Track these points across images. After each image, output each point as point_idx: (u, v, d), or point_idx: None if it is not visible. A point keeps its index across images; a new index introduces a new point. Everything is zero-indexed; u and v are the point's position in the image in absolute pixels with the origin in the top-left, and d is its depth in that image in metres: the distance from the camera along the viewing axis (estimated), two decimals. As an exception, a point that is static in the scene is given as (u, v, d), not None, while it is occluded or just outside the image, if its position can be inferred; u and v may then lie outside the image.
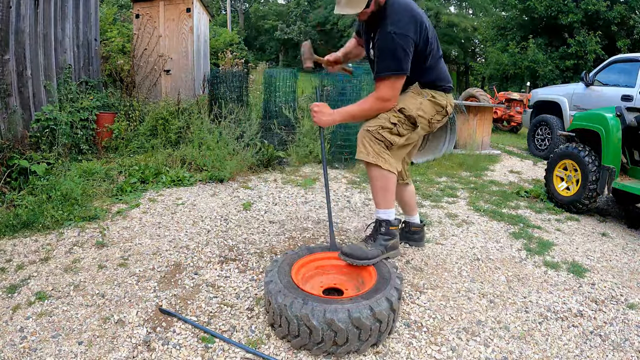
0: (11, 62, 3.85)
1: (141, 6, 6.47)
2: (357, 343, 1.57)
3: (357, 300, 1.60)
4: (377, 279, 1.79)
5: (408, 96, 2.12)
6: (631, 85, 5.59)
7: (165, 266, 2.27)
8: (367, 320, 1.55)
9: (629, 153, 3.59)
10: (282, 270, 1.81)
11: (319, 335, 1.54)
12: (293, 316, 1.56)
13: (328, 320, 1.52)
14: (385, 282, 1.75)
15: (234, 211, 3.18)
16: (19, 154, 3.49)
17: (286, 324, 1.60)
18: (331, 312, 1.53)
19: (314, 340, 1.56)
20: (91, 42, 5.37)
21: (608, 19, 11.84)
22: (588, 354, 1.71)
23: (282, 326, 1.63)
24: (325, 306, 1.55)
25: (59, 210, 2.84)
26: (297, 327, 1.57)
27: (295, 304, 1.57)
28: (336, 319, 1.51)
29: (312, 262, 2.00)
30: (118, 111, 5.05)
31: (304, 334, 1.56)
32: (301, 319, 1.55)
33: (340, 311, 1.53)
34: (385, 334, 1.66)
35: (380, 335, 1.63)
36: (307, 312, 1.54)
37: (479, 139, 6.52)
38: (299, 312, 1.55)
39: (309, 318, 1.53)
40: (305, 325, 1.55)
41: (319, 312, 1.53)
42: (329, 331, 1.53)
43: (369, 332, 1.57)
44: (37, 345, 1.61)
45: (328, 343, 1.55)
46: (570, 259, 2.65)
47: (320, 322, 1.52)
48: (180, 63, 6.45)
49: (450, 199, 3.83)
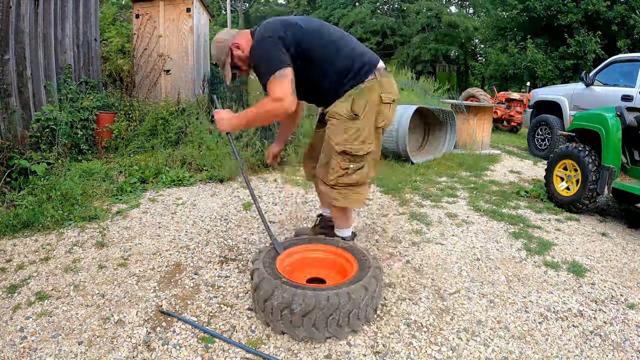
0: (11, 62, 3.85)
1: (141, 6, 6.47)
2: (335, 328, 1.65)
3: (338, 288, 1.67)
4: (358, 269, 1.85)
5: (341, 130, 1.99)
6: (631, 85, 5.59)
7: (165, 266, 2.27)
8: (345, 307, 1.63)
9: (629, 153, 3.59)
10: (266, 259, 1.87)
11: (299, 321, 1.62)
12: (276, 302, 1.63)
13: (308, 306, 1.59)
14: (365, 272, 1.81)
15: (234, 211, 3.18)
16: (19, 154, 3.49)
17: (269, 309, 1.67)
18: (311, 297, 1.60)
19: (295, 324, 1.64)
20: (91, 42, 5.37)
21: (608, 19, 11.84)
22: (588, 354, 1.71)
23: (265, 311, 1.70)
24: (306, 292, 1.62)
25: (59, 210, 2.84)
26: (279, 312, 1.64)
27: (278, 291, 1.64)
28: (316, 305, 1.60)
29: (296, 254, 2.06)
30: (118, 111, 5.04)
31: (286, 319, 1.64)
32: (283, 304, 1.62)
33: (321, 298, 1.60)
34: (363, 320, 1.74)
35: (358, 321, 1.71)
36: (289, 298, 1.61)
37: (479, 139, 6.51)
38: (281, 299, 1.62)
39: (290, 304, 1.61)
40: (287, 310, 1.62)
41: (300, 298, 1.61)
42: (308, 316, 1.61)
43: (347, 318, 1.65)
44: (37, 345, 1.61)
45: (307, 327, 1.63)
46: (570, 259, 2.65)
47: (301, 307, 1.60)
48: (180, 63, 6.45)
49: (450, 199, 3.83)
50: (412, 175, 4.55)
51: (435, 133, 6.16)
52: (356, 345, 1.66)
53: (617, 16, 11.68)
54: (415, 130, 5.96)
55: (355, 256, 1.96)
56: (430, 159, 5.50)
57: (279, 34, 1.90)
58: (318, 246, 2.10)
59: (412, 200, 3.68)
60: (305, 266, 2.06)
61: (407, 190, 3.98)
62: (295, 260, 2.04)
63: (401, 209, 3.42)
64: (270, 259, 1.89)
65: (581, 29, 12.17)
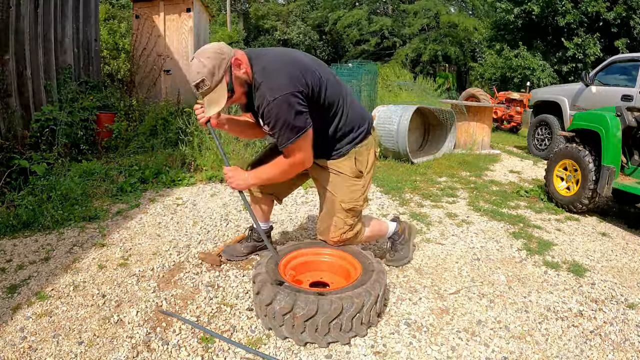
0: (11, 62, 3.85)
1: (141, 6, 6.47)
2: (339, 333, 1.63)
3: (341, 292, 1.66)
4: (362, 273, 1.83)
5: (345, 187, 1.95)
6: (631, 85, 5.59)
7: (166, 266, 2.27)
8: (349, 311, 1.60)
9: (629, 153, 3.59)
10: (269, 263, 1.85)
11: (301, 325, 1.60)
12: (278, 307, 1.61)
13: (311, 310, 1.57)
14: (369, 275, 1.79)
15: (234, 211, 3.18)
16: (19, 154, 3.49)
17: (272, 314, 1.65)
18: (314, 302, 1.58)
19: (298, 330, 1.61)
20: (91, 42, 5.37)
21: (608, 21, 11.80)
22: (588, 354, 1.71)
23: (268, 316, 1.68)
24: (309, 297, 1.60)
25: (59, 210, 2.83)
26: (282, 317, 1.62)
27: (280, 295, 1.62)
28: (319, 310, 1.57)
29: (299, 257, 2.03)
30: (118, 111, 5.05)
31: (288, 323, 1.62)
32: (286, 309, 1.60)
33: (324, 302, 1.58)
34: (366, 325, 1.71)
35: (362, 326, 1.69)
36: (292, 302, 1.59)
37: (479, 139, 6.51)
38: (284, 303, 1.60)
39: (292, 308, 1.59)
40: (289, 315, 1.60)
41: (303, 302, 1.59)
42: (311, 321, 1.59)
43: (350, 322, 1.63)
44: (37, 345, 1.61)
45: (310, 332, 1.61)
46: (570, 259, 2.65)
47: (304, 311, 1.58)
48: (180, 63, 6.45)
49: (450, 198, 3.83)
50: (412, 175, 4.55)
51: (435, 133, 6.16)
52: (356, 345, 1.66)
53: (618, 17, 11.64)
54: (415, 130, 5.96)
55: (359, 260, 1.94)
56: (430, 159, 5.50)
57: (299, 87, 1.66)
58: (322, 249, 2.07)
59: (412, 200, 3.68)
60: (308, 270, 2.04)
61: (407, 190, 3.98)
62: (299, 263, 2.01)
63: (401, 209, 3.42)
64: (273, 263, 1.87)
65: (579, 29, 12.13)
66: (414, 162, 5.12)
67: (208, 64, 1.64)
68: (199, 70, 1.65)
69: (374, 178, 4.14)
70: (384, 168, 4.84)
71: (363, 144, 1.97)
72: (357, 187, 1.98)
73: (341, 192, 1.96)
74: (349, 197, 1.96)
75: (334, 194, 1.98)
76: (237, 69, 1.70)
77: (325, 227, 2.04)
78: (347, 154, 1.95)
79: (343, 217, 1.98)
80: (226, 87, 1.69)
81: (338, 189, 1.97)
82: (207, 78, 1.65)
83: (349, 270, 1.95)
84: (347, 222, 1.99)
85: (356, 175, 1.97)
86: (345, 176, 1.96)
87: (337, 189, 1.97)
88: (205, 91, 1.68)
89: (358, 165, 1.97)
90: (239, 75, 1.71)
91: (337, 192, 1.97)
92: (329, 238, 2.03)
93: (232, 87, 1.71)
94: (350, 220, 2.00)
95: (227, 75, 1.69)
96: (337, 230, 2.00)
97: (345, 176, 1.96)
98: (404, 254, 2.37)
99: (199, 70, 1.65)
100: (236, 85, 1.72)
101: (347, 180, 1.96)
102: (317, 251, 2.07)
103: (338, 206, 1.97)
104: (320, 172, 2.02)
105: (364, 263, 1.91)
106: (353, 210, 1.99)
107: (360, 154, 1.97)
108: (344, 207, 1.97)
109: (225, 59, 1.67)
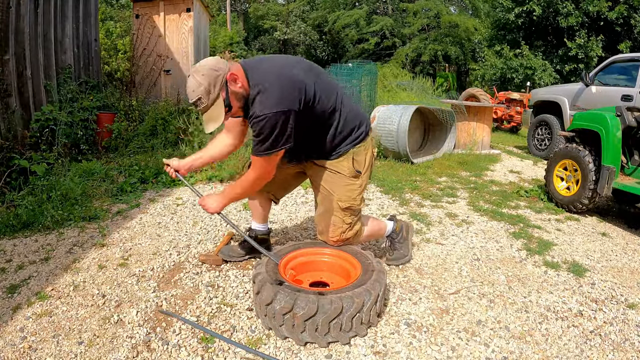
0: (11, 62, 3.85)
1: (141, 6, 6.47)
2: (339, 332, 1.63)
3: (341, 292, 1.66)
4: (362, 273, 1.83)
5: (342, 186, 1.98)
6: (631, 85, 5.59)
7: (166, 266, 2.27)
8: (349, 311, 1.61)
9: (629, 153, 3.59)
10: (269, 263, 1.85)
11: (301, 325, 1.60)
12: (278, 307, 1.61)
13: (311, 310, 1.58)
14: (369, 275, 1.80)
15: (234, 211, 3.18)
16: (19, 154, 3.49)
17: (272, 314, 1.65)
18: (314, 302, 1.58)
19: (298, 329, 1.61)
20: (91, 42, 5.37)
21: (610, 21, 11.78)
22: (588, 354, 1.71)
23: (268, 316, 1.68)
24: (309, 297, 1.60)
25: (59, 210, 2.84)
26: (282, 317, 1.62)
27: (280, 295, 1.62)
28: (319, 310, 1.58)
29: (299, 257, 2.04)
30: (118, 111, 5.05)
31: (288, 323, 1.62)
32: (286, 308, 1.60)
33: (325, 302, 1.59)
34: (366, 325, 1.72)
35: (362, 325, 1.69)
36: (292, 302, 1.59)
37: (479, 139, 6.51)
38: (284, 303, 1.60)
39: (292, 308, 1.59)
40: (289, 315, 1.61)
41: (303, 302, 1.59)
42: (311, 321, 1.59)
43: (350, 322, 1.63)
44: (37, 345, 1.61)
45: (310, 332, 1.61)
46: (570, 259, 2.65)
47: (304, 311, 1.58)
48: (181, 63, 6.45)
49: (450, 198, 3.83)
50: (412, 175, 4.55)
51: (435, 133, 6.16)
52: (356, 345, 1.66)
53: (620, 17, 11.62)
54: (415, 130, 5.96)
55: (359, 259, 1.94)
56: (430, 159, 5.50)
57: (289, 106, 1.68)
58: (322, 249, 2.08)
59: (412, 200, 3.68)
60: (308, 269, 2.04)
61: (407, 190, 3.98)
62: (299, 263, 2.01)
63: (401, 209, 3.42)
64: (273, 263, 1.87)
65: (581, 30, 12.12)
66: (414, 162, 5.12)
67: (204, 82, 1.66)
68: (194, 88, 1.68)
69: (373, 178, 4.15)
70: (384, 168, 4.84)
71: (361, 144, 2.00)
72: (354, 186, 2.00)
73: (338, 190, 1.99)
74: (346, 196, 1.99)
75: (331, 193, 2.00)
76: (233, 84, 1.71)
77: (324, 227, 2.06)
78: (345, 154, 1.97)
79: (341, 216, 2.00)
80: (223, 103, 1.71)
81: (335, 188, 1.99)
82: (204, 96, 1.68)
83: (348, 270, 1.96)
84: (346, 220, 2.01)
85: (354, 175, 1.99)
86: (343, 175, 1.98)
87: (335, 188, 1.99)
88: (202, 109, 1.71)
89: (356, 165, 1.99)
90: (235, 90, 1.72)
91: (335, 190, 1.99)
92: (328, 238, 2.05)
93: (228, 103, 1.73)
94: (348, 219, 2.02)
95: (223, 91, 1.70)
96: (336, 230, 2.02)
97: (343, 175, 1.98)
98: (404, 252, 2.39)
99: (194, 89, 1.68)
100: (233, 100, 1.74)
101: (344, 180, 1.99)
102: (317, 251, 2.07)
103: (335, 205, 1.99)
104: (317, 171, 2.04)
105: (364, 263, 1.91)
106: (350, 209, 2.01)
107: (358, 154, 1.99)
108: (341, 206, 1.99)
109: (220, 76, 1.68)
